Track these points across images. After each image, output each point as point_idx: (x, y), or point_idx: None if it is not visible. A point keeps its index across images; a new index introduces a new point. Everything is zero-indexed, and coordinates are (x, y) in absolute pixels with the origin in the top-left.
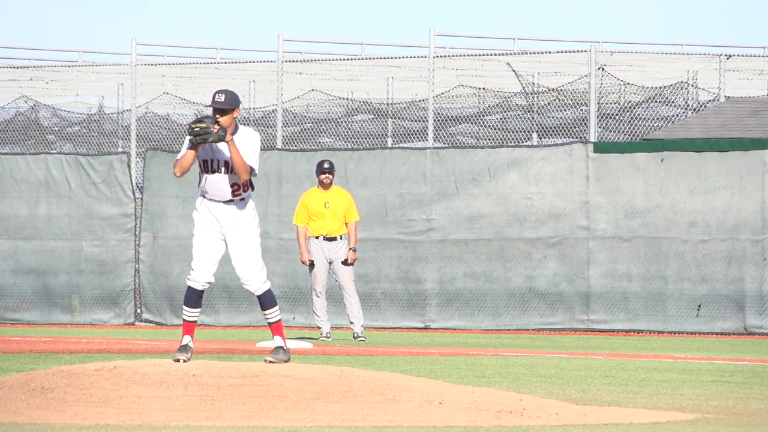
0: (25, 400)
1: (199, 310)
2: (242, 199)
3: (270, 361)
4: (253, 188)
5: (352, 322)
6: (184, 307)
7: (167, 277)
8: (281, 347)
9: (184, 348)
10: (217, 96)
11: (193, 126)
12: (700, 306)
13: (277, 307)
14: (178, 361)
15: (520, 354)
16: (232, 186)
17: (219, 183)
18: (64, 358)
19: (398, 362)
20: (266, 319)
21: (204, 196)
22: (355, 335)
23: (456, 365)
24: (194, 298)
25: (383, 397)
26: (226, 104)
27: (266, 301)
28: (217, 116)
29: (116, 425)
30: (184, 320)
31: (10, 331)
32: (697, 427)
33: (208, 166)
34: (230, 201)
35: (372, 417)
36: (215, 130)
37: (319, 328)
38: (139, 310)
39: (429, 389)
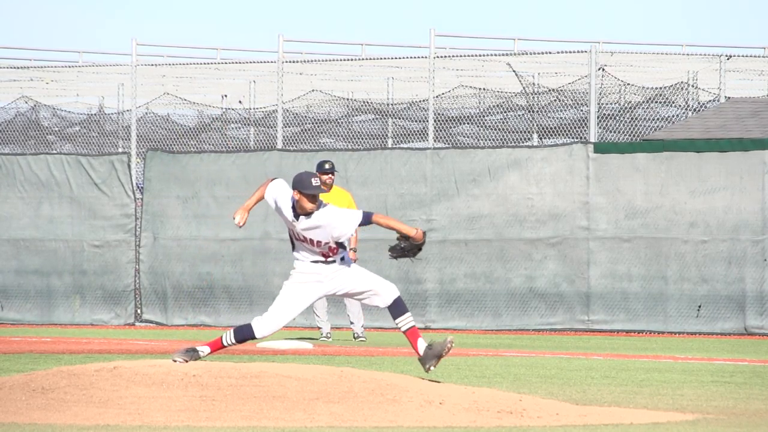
0: (26, 400)
1: (237, 345)
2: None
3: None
4: (294, 248)
5: (352, 323)
6: (233, 336)
7: (168, 277)
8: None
9: (191, 352)
10: (314, 180)
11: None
12: (700, 306)
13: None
14: (175, 361)
15: (520, 354)
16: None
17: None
18: (65, 358)
19: (398, 362)
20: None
21: None
22: (356, 335)
23: (456, 365)
24: (247, 339)
25: (383, 397)
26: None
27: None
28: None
29: (116, 426)
30: (221, 339)
31: (10, 331)
32: (698, 428)
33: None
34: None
35: (372, 417)
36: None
37: (320, 328)
38: (139, 311)
39: (429, 390)
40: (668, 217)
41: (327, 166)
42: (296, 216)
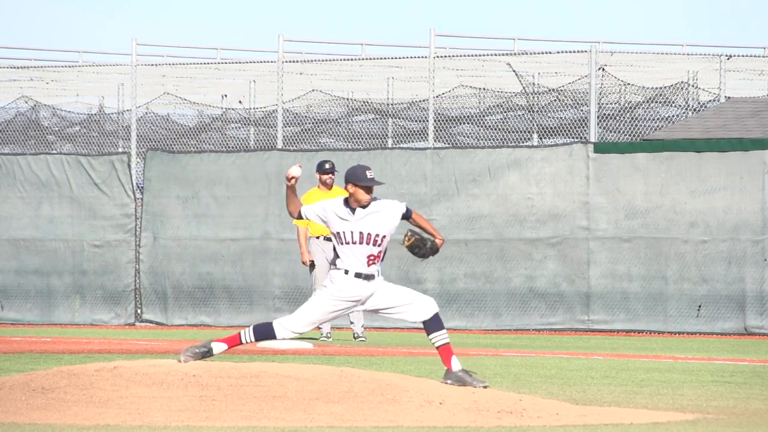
0: (26, 400)
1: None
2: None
3: None
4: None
5: (352, 322)
6: (253, 334)
7: (168, 277)
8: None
9: (202, 353)
10: (368, 173)
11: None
12: (700, 306)
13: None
14: (179, 360)
15: (520, 354)
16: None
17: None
18: (65, 358)
19: (398, 362)
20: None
21: None
22: (356, 335)
23: None
24: (266, 339)
25: (383, 397)
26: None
27: None
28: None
29: (116, 425)
30: (239, 336)
31: (10, 331)
32: (698, 428)
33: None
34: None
35: (372, 417)
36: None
37: (320, 328)
38: (139, 311)
39: (429, 389)
40: (668, 217)
41: (327, 166)
42: (352, 210)
